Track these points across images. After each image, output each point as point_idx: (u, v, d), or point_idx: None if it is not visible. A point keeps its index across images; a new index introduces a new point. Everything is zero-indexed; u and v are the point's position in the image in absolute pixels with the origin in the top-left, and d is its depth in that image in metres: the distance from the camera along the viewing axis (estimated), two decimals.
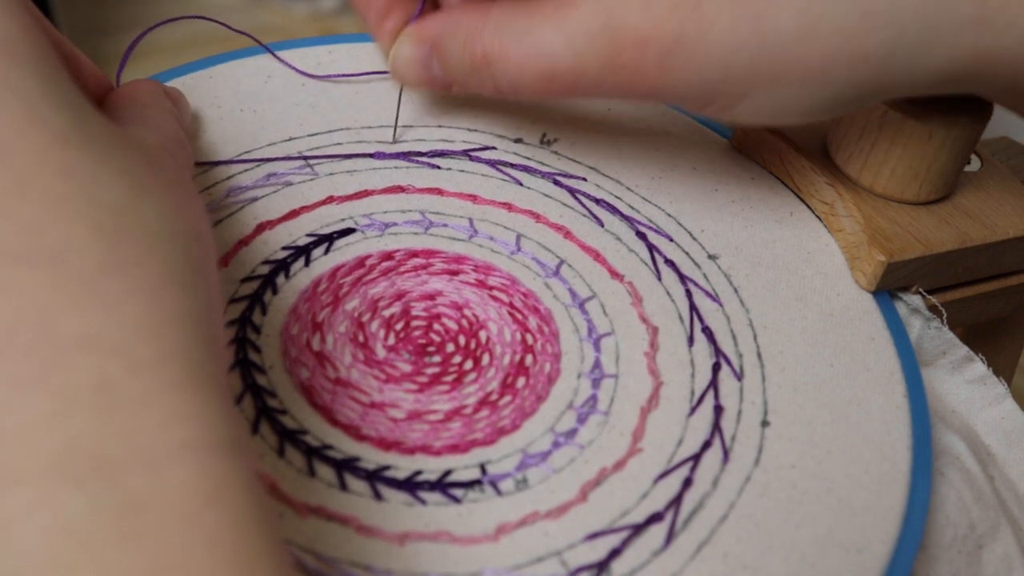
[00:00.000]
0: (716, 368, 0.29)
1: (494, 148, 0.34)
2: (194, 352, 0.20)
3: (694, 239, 0.32)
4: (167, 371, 0.19)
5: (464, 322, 0.29)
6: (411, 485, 0.26)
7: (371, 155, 0.33)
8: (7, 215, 0.19)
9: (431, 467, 0.26)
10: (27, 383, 0.18)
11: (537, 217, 0.33)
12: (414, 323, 0.29)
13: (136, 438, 0.18)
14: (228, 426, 0.20)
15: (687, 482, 0.27)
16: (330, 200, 0.32)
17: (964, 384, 0.31)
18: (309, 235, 0.31)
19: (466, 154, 0.34)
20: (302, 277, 0.30)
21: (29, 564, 0.17)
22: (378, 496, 0.25)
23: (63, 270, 0.19)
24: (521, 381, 0.28)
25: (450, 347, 0.29)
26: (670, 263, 0.32)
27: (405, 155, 0.34)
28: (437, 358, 0.28)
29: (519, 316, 0.30)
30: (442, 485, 0.26)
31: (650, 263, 0.32)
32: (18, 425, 0.18)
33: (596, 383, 0.28)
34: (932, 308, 0.32)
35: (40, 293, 0.19)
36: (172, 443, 0.18)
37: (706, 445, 0.27)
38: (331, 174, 0.33)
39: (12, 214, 0.19)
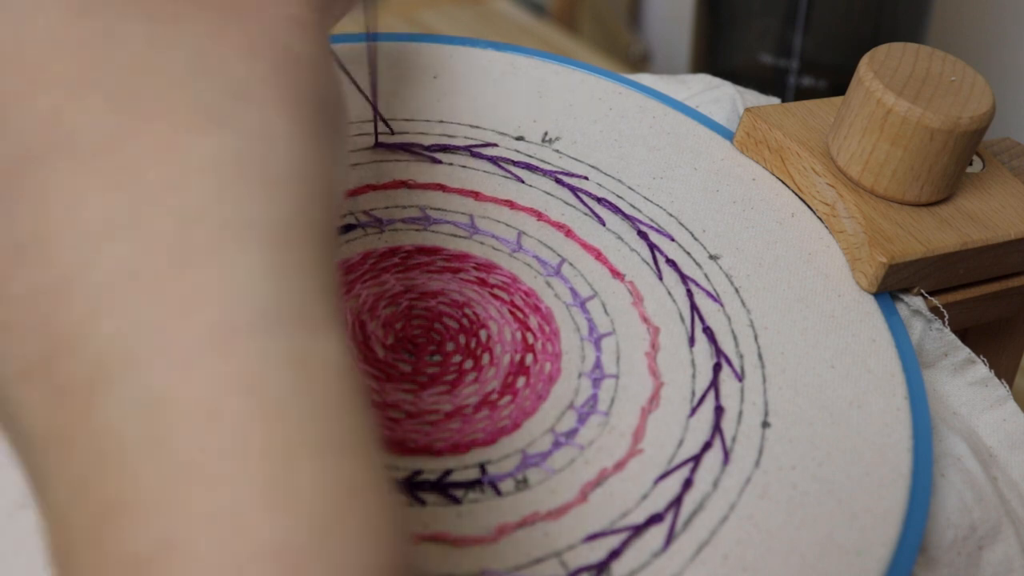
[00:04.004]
0: (717, 369, 0.29)
1: (496, 145, 0.34)
2: (232, 199, 0.20)
3: (695, 239, 0.32)
4: (190, 236, 0.19)
5: (464, 321, 0.29)
6: (411, 485, 0.25)
7: (372, 147, 0.33)
8: (27, 112, 0.19)
9: (431, 467, 0.26)
10: (53, 283, 0.18)
11: (539, 215, 0.32)
12: (414, 322, 0.29)
13: (302, 303, 0.19)
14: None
15: (687, 483, 0.27)
16: None
17: (966, 386, 0.31)
18: None
19: (468, 150, 0.34)
20: None
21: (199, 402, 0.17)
22: None
23: (79, 155, 0.19)
24: (521, 381, 0.28)
25: (450, 346, 0.29)
26: (671, 263, 0.32)
27: (407, 147, 0.34)
28: (437, 357, 0.28)
29: (520, 315, 0.30)
30: (442, 485, 0.26)
31: (651, 263, 0.32)
32: (181, 295, 0.18)
33: (597, 383, 0.28)
34: (934, 310, 0.32)
35: (62, 187, 0.19)
36: (324, 313, 0.19)
37: (706, 446, 0.27)
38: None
39: (31, 110, 0.19)
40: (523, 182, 0.33)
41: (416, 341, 0.28)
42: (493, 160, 0.34)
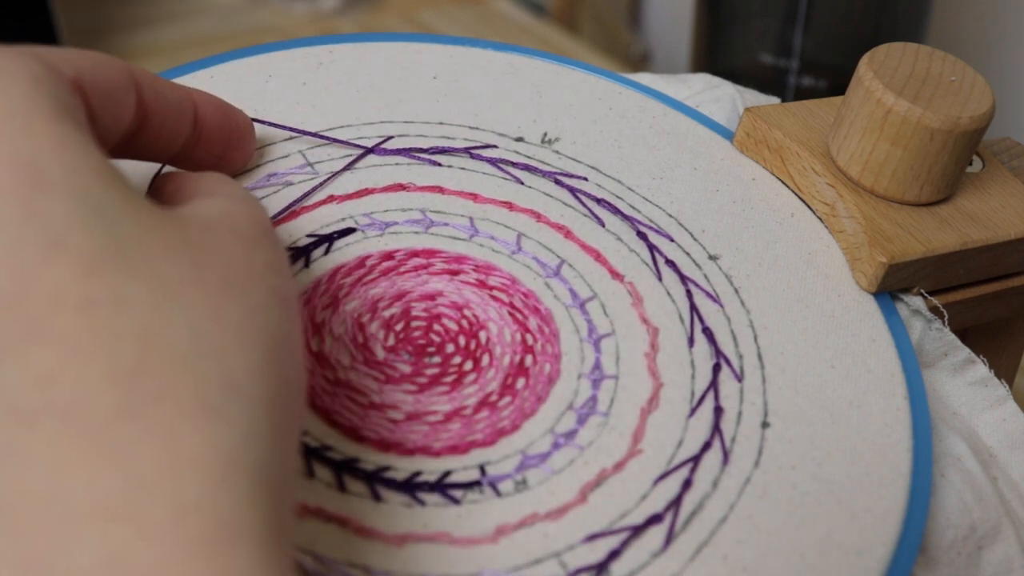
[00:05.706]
0: (716, 369, 0.29)
1: (495, 146, 0.34)
2: (225, 497, 0.18)
3: (695, 240, 0.32)
4: (185, 529, 0.17)
5: (464, 322, 0.29)
6: (410, 486, 0.26)
7: (371, 150, 0.33)
8: (20, 367, 0.18)
9: (430, 468, 0.26)
10: (29, 569, 0.17)
11: (538, 216, 0.32)
12: (414, 324, 0.29)
13: None
14: None
15: (687, 483, 0.27)
16: (331, 200, 0.32)
17: (965, 386, 0.31)
18: (309, 235, 0.31)
19: (467, 152, 0.34)
20: (302, 278, 0.30)
21: None
22: (377, 497, 0.25)
23: (73, 425, 0.18)
24: (521, 382, 0.28)
25: (450, 347, 0.29)
26: (671, 263, 0.32)
27: (406, 151, 0.34)
28: (437, 359, 0.28)
29: (519, 316, 0.30)
30: (441, 486, 0.26)
31: (651, 263, 0.32)
32: None
33: (596, 384, 0.28)
34: (933, 309, 0.32)
35: (48, 455, 0.17)
36: None
37: (706, 446, 0.27)
38: (332, 172, 0.32)
39: (25, 365, 0.18)
40: (522, 183, 0.33)
41: (416, 342, 0.29)
42: (492, 162, 0.34)
